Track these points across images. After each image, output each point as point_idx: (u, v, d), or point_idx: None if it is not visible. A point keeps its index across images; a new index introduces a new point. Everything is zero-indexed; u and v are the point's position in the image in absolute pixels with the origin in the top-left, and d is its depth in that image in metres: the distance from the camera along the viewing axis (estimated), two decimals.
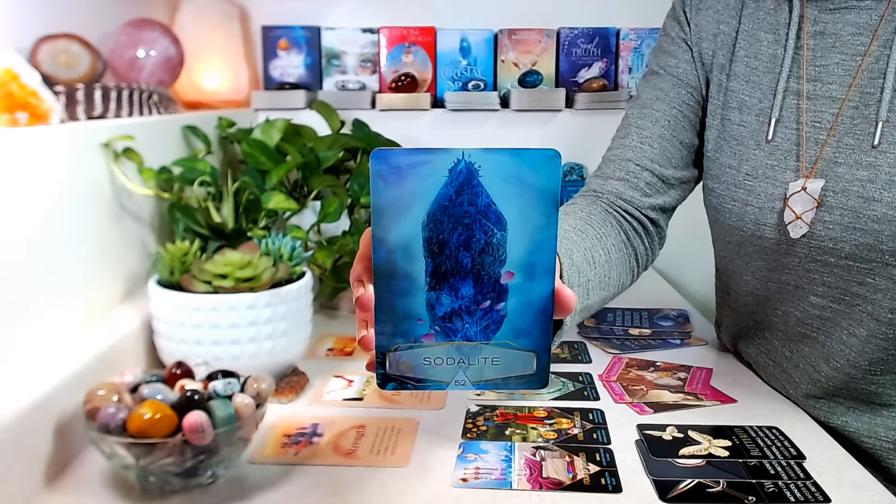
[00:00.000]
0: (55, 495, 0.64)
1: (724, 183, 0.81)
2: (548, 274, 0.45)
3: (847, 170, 0.71)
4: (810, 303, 0.77)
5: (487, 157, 0.43)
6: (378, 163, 0.43)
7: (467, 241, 0.45)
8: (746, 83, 0.80)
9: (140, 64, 1.04)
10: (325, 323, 1.09)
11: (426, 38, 1.39)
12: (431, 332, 0.46)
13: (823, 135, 0.73)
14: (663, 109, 0.85)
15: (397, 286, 0.45)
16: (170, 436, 0.60)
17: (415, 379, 0.47)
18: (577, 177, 1.40)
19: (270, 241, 0.86)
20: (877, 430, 0.76)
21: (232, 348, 0.78)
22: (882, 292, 0.70)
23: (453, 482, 0.65)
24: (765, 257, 0.79)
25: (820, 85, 0.74)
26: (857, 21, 0.73)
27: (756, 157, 0.78)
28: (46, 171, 0.73)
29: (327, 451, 0.71)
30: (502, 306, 0.46)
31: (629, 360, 0.94)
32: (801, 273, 0.76)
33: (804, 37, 0.75)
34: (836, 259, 0.72)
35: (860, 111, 0.71)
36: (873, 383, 0.74)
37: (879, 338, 0.72)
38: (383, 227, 0.44)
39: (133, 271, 0.91)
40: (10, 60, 0.76)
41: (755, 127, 0.78)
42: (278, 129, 1.09)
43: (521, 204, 0.44)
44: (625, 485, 0.65)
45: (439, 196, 0.44)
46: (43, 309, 0.73)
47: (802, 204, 0.73)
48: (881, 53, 0.71)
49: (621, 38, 1.41)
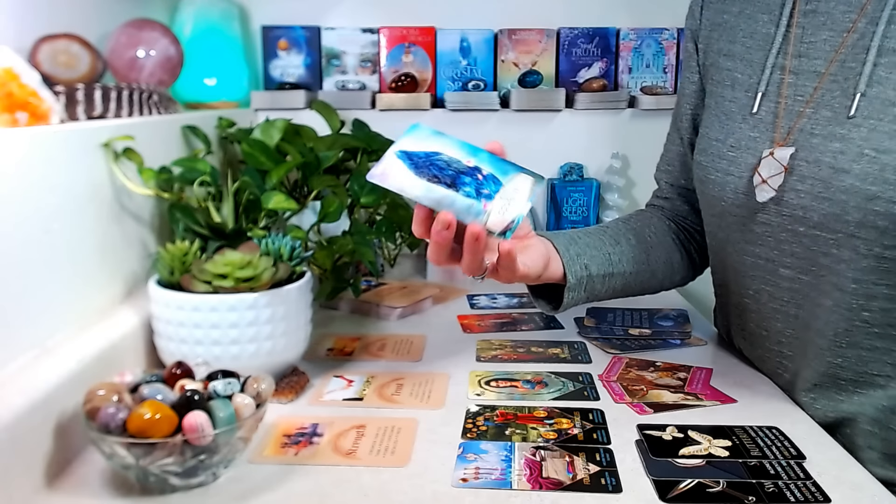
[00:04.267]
0: (55, 495, 0.64)
1: (710, 155, 0.84)
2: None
3: (821, 141, 0.73)
4: (780, 275, 0.79)
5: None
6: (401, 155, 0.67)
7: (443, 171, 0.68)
8: (741, 61, 0.84)
9: (140, 64, 1.04)
10: (325, 323, 1.09)
11: (426, 38, 1.39)
12: (482, 201, 0.66)
13: (802, 106, 0.76)
14: (674, 135, 0.99)
15: (444, 201, 0.66)
16: (170, 436, 0.60)
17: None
18: (576, 177, 1.40)
19: (270, 241, 0.86)
20: (840, 407, 0.77)
21: (232, 348, 0.78)
22: (846, 263, 0.72)
23: (453, 482, 0.65)
24: (741, 228, 0.81)
25: (805, 60, 0.77)
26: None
27: (741, 129, 0.81)
28: (46, 171, 0.73)
29: (327, 451, 0.71)
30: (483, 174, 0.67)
31: (629, 360, 0.94)
32: (772, 244, 0.78)
33: (796, 15, 0.78)
34: (805, 228, 0.74)
35: (839, 84, 0.73)
36: (839, 356, 0.75)
37: (843, 307, 0.73)
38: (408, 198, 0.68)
39: (133, 271, 0.92)
40: (10, 60, 0.76)
41: (744, 102, 0.82)
42: (278, 129, 1.09)
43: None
44: (625, 485, 0.65)
45: None
46: (43, 309, 0.73)
47: (769, 169, 0.76)
48: (867, 30, 0.72)
49: (621, 38, 1.41)
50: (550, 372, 0.90)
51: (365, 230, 1.08)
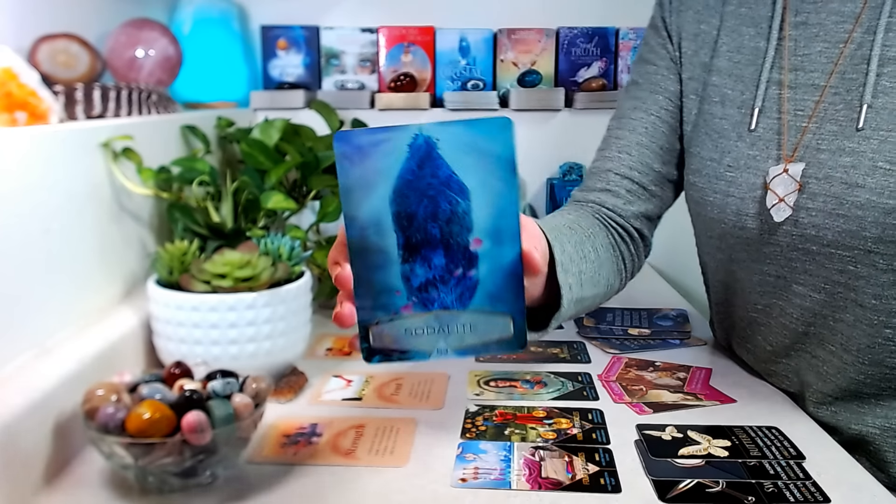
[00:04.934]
0: (54, 495, 0.64)
1: (706, 176, 0.81)
2: (514, 237, 0.47)
3: (829, 156, 0.71)
4: (793, 292, 0.77)
5: (444, 130, 0.45)
6: (341, 144, 0.45)
7: (434, 212, 0.46)
8: (729, 77, 0.80)
9: (139, 64, 1.04)
10: (324, 323, 1.08)
11: (425, 37, 1.39)
12: (410, 304, 0.48)
13: (804, 122, 0.73)
14: (640, 118, 0.86)
15: (372, 261, 0.47)
16: (169, 435, 0.60)
17: (399, 350, 0.49)
18: (576, 176, 1.40)
19: (269, 241, 0.86)
20: (864, 419, 0.76)
21: (231, 348, 0.78)
22: (864, 279, 0.70)
23: (452, 482, 0.65)
24: (747, 248, 0.78)
25: (802, 74, 0.74)
26: (840, 10, 0.73)
27: (737, 148, 0.78)
28: (45, 170, 0.73)
29: (326, 450, 0.71)
30: (474, 273, 0.48)
31: (628, 359, 0.94)
32: (783, 263, 0.76)
33: (786, 28, 0.76)
34: (819, 247, 0.72)
35: (842, 97, 0.71)
36: (861, 373, 0.74)
37: (865, 324, 0.72)
38: (353, 205, 0.46)
39: (132, 271, 0.91)
40: (10, 60, 0.75)
41: (737, 119, 0.79)
42: (277, 129, 1.09)
43: (480, 172, 0.46)
44: (624, 485, 0.65)
45: (402, 171, 0.46)
46: (42, 308, 0.73)
47: (784, 186, 0.73)
48: (864, 40, 0.71)
49: (620, 37, 1.41)
50: (549, 372, 0.90)
51: None
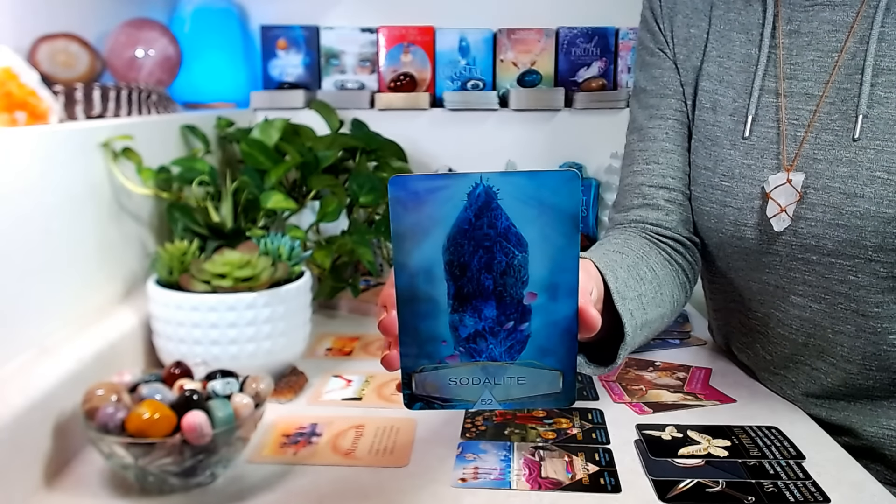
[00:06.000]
0: (54, 495, 0.64)
1: (701, 185, 0.80)
2: (571, 293, 0.46)
3: (827, 166, 0.71)
4: (791, 303, 0.76)
5: (505, 181, 0.44)
6: (396, 189, 0.44)
7: (488, 263, 0.45)
8: (720, 83, 0.79)
9: (139, 63, 1.04)
10: (323, 323, 1.09)
11: (425, 37, 1.39)
12: (456, 353, 0.47)
13: (801, 131, 0.73)
14: (658, 125, 0.84)
15: (420, 309, 0.46)
16: (168, 435, 0.60)
17: (441, 399, 0.48)
18: None
19: (269, 241, 0.86)
20: (879, 421, 0.76)
21: (231, 348, 0.78)
22: (865, 289, 0.70)
23: (452, 482, 0.65)
24: (745, 258, 0.78)
25: (795, 82, 0.74)
26: (832, 18, 0.72)
27: (731, 156, 0.77)
28: (45, 170, 0.73)
29: (326, 450, 0.71)
30: (526, 326, 0.46)
31: (628, 359, 0.94)
32: (782, 273, 0.76)
33: (779, 36, 0.75)
34: (819, 257, 0.72)
35: (837, 107, 0.71)
36: (870, 378, 0.74)
37: (868, 332, 0.72)
38: (404, 253, 0.45)
39: (132, 271, 0.91)
40: (9, 60, 0.75)
41: (730, 126, 0.78)
42: (277, 129, 1.09)
43: (541, 225, 0.45)
44: (624, 485, 0.65)
45: (459, 220, 0.44)
46: (42, 308, 0.73)
47: (786, 196, 0.72)
48: (857, 49, 0.70)
49: (620, 37, 1.41)
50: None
51: (364, 230, 1.08)
